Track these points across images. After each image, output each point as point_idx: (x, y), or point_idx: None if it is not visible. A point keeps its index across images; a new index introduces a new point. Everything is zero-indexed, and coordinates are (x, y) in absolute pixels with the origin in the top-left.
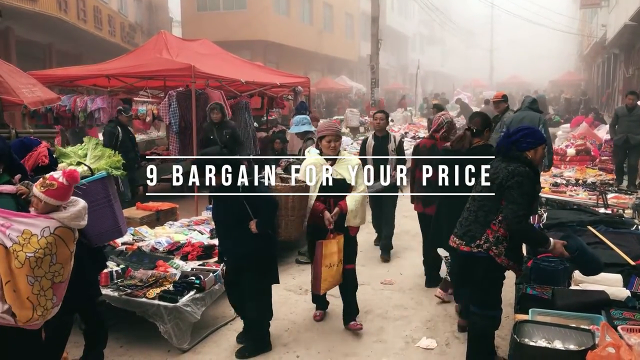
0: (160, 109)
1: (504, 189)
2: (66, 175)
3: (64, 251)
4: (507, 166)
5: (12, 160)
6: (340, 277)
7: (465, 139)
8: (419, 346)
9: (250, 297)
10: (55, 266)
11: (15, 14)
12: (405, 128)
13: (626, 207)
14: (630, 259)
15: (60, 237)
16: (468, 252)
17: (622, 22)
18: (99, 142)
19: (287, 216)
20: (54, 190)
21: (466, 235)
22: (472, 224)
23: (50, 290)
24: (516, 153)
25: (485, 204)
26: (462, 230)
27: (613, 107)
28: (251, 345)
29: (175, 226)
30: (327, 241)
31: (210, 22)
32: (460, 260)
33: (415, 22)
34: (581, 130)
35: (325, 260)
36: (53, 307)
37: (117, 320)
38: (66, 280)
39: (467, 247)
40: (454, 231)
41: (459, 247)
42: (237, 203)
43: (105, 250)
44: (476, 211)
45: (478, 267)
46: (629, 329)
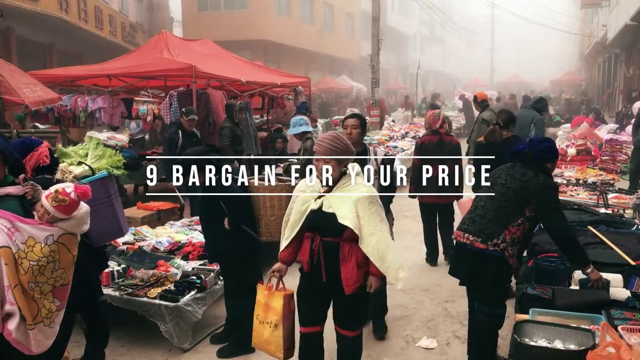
0: (161, 109)
1: (536, 199)
2: (79, 192)
3: (66, 257)
4: (536, 177)
5: (15, 160)
6: (277, 349)
7: (496, 132)
8: (419, 346)
9: (229, 295)
10: (58, 272)
11: (16, 13)
12: (405, 128)
13: (627, 207)
14: (630, 259)
15: (63, 243)
16: (483, 250)
17: (623, 22)
18: (100, 141)
19: (267, 216)
20: (65, 205)
21: (483, 232)
22: (490, 223)
23: (51, 294)
24: (541, 163)
25: (507, 206)
26: (476, 227)
27: (614, 107)
28: (232, 346)
29: (176, 226)
30: (262, 287)
31: (211, 22)
32: (470, 255)
33: (416, 21)
34: (582, 130)
35: (257, 308)
36: (58, 309)
37: (119, 319)
38: (68, 283)
39: (482, 245)
40: (464, 227)
41: (473, 243)
42: (212, 201)
43: (107, 250)
44: (496, 210)
45: (490, 266)
46: (629, 328)
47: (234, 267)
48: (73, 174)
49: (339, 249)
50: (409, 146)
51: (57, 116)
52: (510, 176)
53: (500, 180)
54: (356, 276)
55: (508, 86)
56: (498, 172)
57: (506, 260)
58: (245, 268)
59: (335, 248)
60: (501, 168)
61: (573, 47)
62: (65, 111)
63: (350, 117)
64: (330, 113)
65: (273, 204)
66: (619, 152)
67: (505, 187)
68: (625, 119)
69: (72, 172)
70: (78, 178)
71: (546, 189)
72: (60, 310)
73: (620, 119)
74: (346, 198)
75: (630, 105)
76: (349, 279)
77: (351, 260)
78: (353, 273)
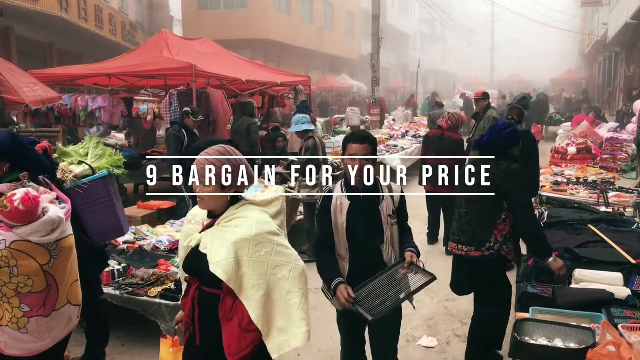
0: (161, 108)
1: (503, 187)
2: (22, 201)
3: (28, 264)
4: (498, 165)
5: (24, 158)
6: None
7: None
8: (419, 345)
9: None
10: (19, 278)
11: (17, 12)
12: (406, 127)
13: (627, 205)
14: (631, 257)
15: (19, 250)
16: (479, 257)
17: (623, 20)
18: (100, 141)
19: None
20: (6, 212)
21: (474, 240)
22: (478, 229)
23: (16, 299)
24: (506, 151)
25: (486, 206)
26: (466, 237)
27: (614, 106)
28: None
29: (176, 225)
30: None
31: (211, 21)
32: (469, 264)
33: (416, 20)
34: (582, 129)
35: None
36: (27, 316)
37: (119, 319)
38: (40, 291)
39: (477, 252)
40: (456, 238)
41: (468, 253)
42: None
43: (107, 249)
44: (478, 214)
45: (487, 269)
46: (630, 327)
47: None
48: (73, 173)
49: (218, 304)
50: (409, 145)
51: (58, 115)
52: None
53: (478, 181)
54: (241, 343)
55: (508, 85)
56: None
57: (504, 258)
58: None
59: (214, 302)
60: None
61: (573, 46)
62: (66, 110)
63: (357, 141)
64: (327, 113)
65: None
66: (619, 150)
67: (484, 186)
68: (626, 118)
69: (73, 171)
70: (78, 177)
71: (509, 174)
72: (32, 318)
73: (620, 117)
74: (226, 237)
75: (630, 104)
76: (231, 346)
77: (233, 321)
78: (235, 338)
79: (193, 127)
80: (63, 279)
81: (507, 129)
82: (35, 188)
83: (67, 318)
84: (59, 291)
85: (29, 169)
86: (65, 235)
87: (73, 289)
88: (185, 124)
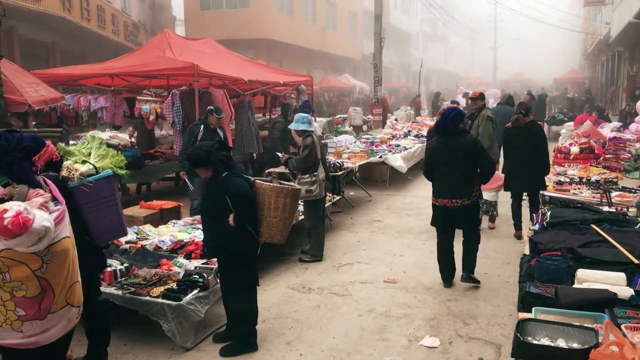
0: (163, 108)
1: (475, 152)
2: (12, 223)
3: (20, 269)
4: (465, 138)
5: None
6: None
7: (520, 119)
8: (422, 345)
9: (229, 293)
10: (12, 283)
11: (19, 13)
12: (408, 126)
13: (630, 205)
14: (634, 257)
15: (10, 258)
16: (469, 203)
17: (626, 19)
18: (102, 141)
19: (269, 217)
20: None
21: (465, 193)
22: (464, 184)
23: (12, 303)
24: (458, 127)
25: (467, 167)
26: (458, 192)
27: (617, 105)
28: (235, 344)
29: (178, 225)
30: None
31: (214, 21)
32: (461, 210)
33: (419, 20)
34: (585, 129)
35: None
36: (21, 319)
37: (121, 318)
38: (35, 296)
39: (468, 201)
40: (448, 195)
41: (462, 203)
42: (220, 197)
43: (109, 248)
44: (461, 174)
45: (472, 208)
46: (633, 327)
47: (232, 265)
48: (79, 172)
49: None
50: (411, 144)
51: (60, 115)
52: (450, 147)
53: (445, 157)
54: None
55: (511, 84)
56: (439, 151)
57: (477, 199)
58: (244, 267)
59: None
60: (437, 147)
61: (576, 45)
62: (68, 110)
63: None
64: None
65: (277, 206)
66: (622, 150)
67: (455, 157)
68: (629, 117)
69: (78, 169)
70: (84, 176)
71: (476, 142)
72: (26, 322)
73: (623, 117)
74: None
75: (633, 104)
76: None
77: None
78: None
79: (216, 124)
80: (59, 282)
81: (451, 113)
82: (25, 191)
83: (66, 319)
84: (54, 294)
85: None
86: (57, 240)
87: (73, 290)
88: (208, 121)
